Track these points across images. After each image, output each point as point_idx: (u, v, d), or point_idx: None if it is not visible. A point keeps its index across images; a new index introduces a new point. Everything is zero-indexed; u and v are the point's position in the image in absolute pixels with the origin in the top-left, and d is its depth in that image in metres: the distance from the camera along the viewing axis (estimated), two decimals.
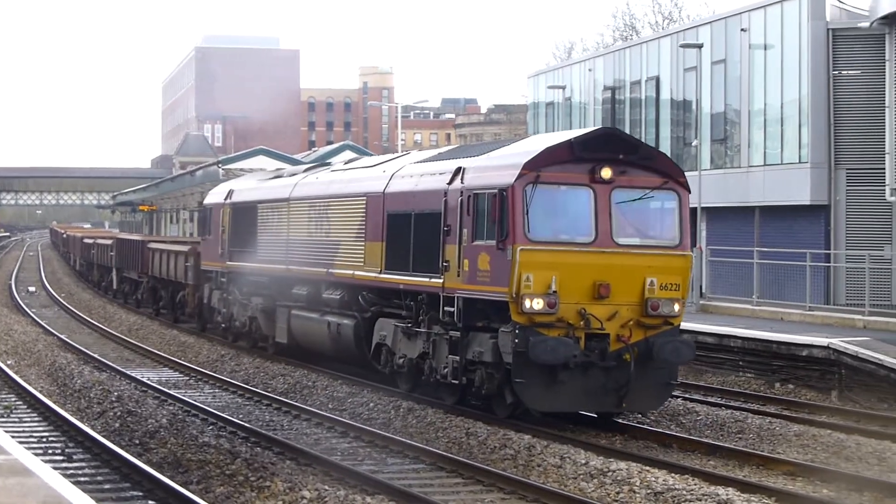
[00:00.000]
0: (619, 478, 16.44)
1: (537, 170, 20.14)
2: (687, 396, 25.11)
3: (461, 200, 21.29)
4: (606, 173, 20.36)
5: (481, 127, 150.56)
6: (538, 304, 19.84)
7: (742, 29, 42.71)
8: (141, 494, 15.67)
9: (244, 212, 33.11)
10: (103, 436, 19.26)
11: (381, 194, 24.68)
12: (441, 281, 21.73)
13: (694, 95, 44.78)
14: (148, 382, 26.69)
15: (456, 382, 21.59)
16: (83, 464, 17.71)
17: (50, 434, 20.27)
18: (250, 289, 32.43)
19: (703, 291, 39.65)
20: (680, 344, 20.68)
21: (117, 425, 20.95)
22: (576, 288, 20.06)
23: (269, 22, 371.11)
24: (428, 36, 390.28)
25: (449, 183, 21.91)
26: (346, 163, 31.83)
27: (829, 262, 38.03)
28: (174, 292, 42.57)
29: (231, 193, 34.79)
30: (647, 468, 16.97)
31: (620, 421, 21.55)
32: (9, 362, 29.83)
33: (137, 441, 19.35)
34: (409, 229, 23.18)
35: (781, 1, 40.68)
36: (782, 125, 41.22)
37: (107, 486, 16.12)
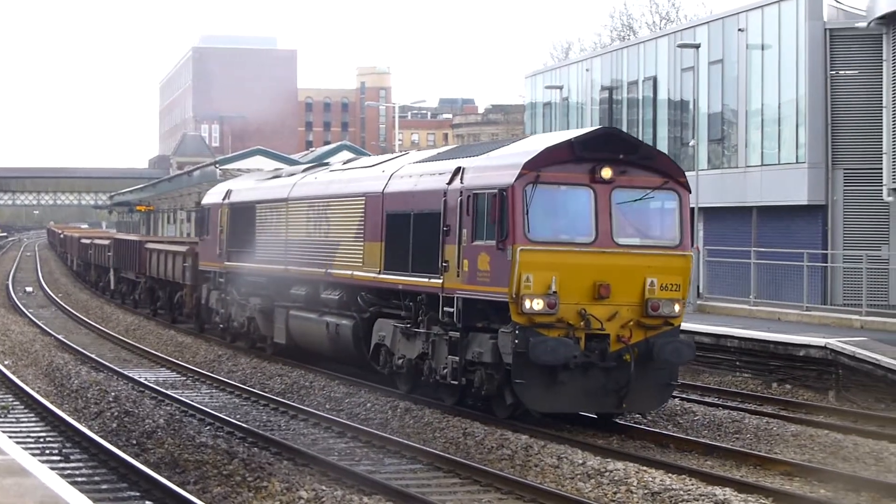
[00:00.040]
0: (617, 478, 16.44)
1: (537, 170, 20.09)
2: (684, 396, 25.10)
3: (461, 200, 21.23)
4: (607, 173, 20.31)
5: (478, 127, 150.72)
6: (538, 305, 19.79)
7: (739, 29, 42.72)
8: (138, 495, 15.66)
9: (242, 212, 33.03)
10: (100, 436, 19.25)
11: (380, 194, 24.63)
12: (440, 281, 21.68)
13: (691, 95, 44.78)
14: (145, 383, 26.68)
15: (455, 383, 21.53)
16: (80, 464, 17.71)
17: (47, 434, 20.26)
18: (248, 289, 32.36)
19: (701, 291, 39.64)
20: (680, 344, 20.64)
21: (114, 425, 20.94)
22: (576, 288, 20.02)
23: (267, 22, 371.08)
24: (425, 36, 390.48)
25: (448, 183, 21.85)
26: (345, 163, 31.72)
27: (827, 263, 38.04)
28: (172, 293, 42.53)
29: (229, 193, 34.72)
30: (645, 468, 16.97)
31: (619, 422, 21.54)
32: (6, 362, 29.81)
33: (135, 441, 19.34)
34: (409, 229, 23.12)
35: (779, 1, 40.69)
36: (779, 125, 41.23)
37: (104, 487, 16.12)
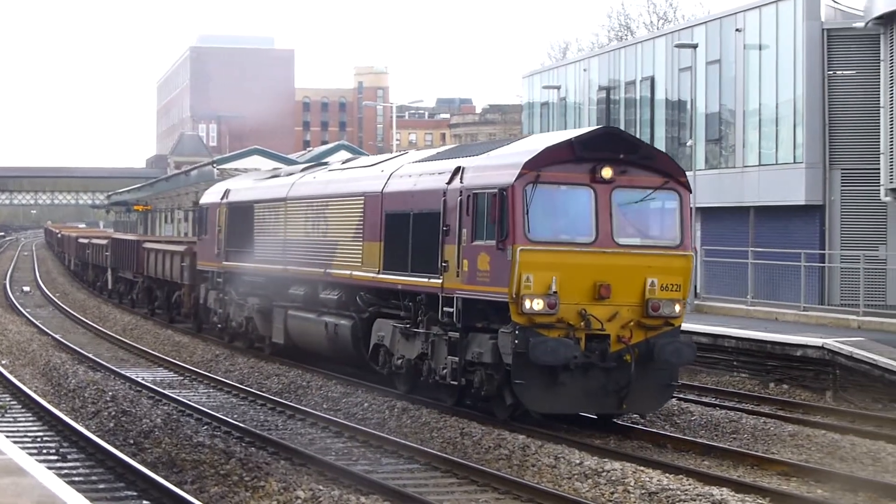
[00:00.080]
0: (614, 478, 16.44)
1: (538, 169, 20.01)
2: (681, 397, 25.09)
3: (460, 200, 21.16)
4: (607, 173, 20.23)
5: (476, 127, 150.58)
6: (538, 305, 19.71)
7: (737, 29, 42.72)
8: (135, 494, 15.66)
9: (241, 211, 32.98)
10: (98, 435, 19.25)
11: (380, 194, 24.56)
12: (440, 281, 21.61)
13: (689, 95, 44.79)
14: (142, 382, 26.67)
15: (455, 383, 21.46)
16: (78, 464, 17.70)
17: (44, 434, 20.26)
18: (247, 289, 32.31)
19: (698, 291, 39.63)
20: (681, 345, 20.58)
21: (112, 425, 20.93)
22: (576, 288, 19.95)
23: (265, 22, 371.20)
24: (423, 36, 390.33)
25: (448, 182, 21.79)
26: (344, 162, 31.65)
27: (824, 263, 38.05)
28: (170, 292, 42.50)
29: (227, 193, 34.67)
30: (642, 468, 16.97)
31: (617, 422, 21.51)
32: (3, 362, 29.80)
33: (132, 441, 19.33)
34: (408, 229, 23.06)
35: (776, 1, 40.71)
36: (777, 125, 41.24)
37: (101, 486, 16.11)
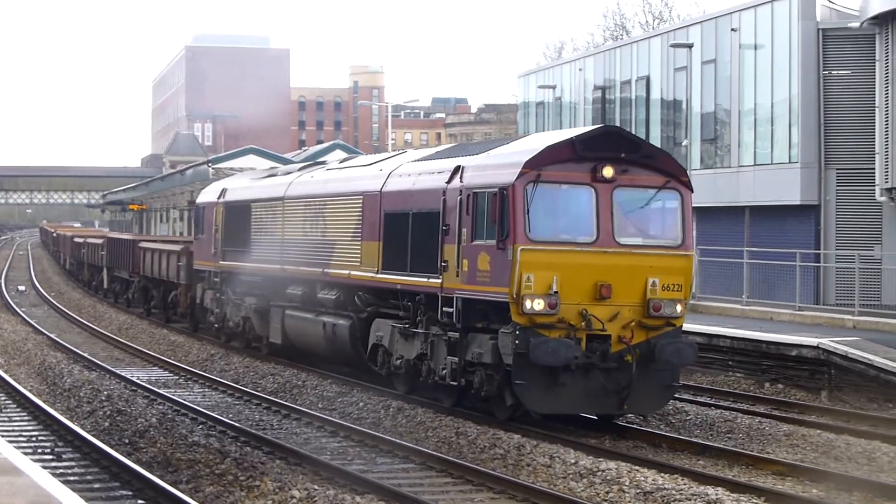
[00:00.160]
0: (609, 477, 16.44)
1: (538, 168, 19.92)
2: (676, 396, 25.02)
3: (460, 199, 21.07)
4: (608, 172, 20.14)
5: (471, 126, 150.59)
6: (539, 305, 19.62)
7: (732, 29, 42.73)
8: (130, 494, 15.65)
9: (238, 211, 32.90)
10: (93, 435, 19.24)
11: (378, 193, 24.45)
12: (439, 281, 21.51)
13: (684, 95, 44.80)
14: (138, 382, 26.65)
15: (455, 384, 21.38)
16: (73, 463, 17.70)
17: (39, 433, 20.25)
18: (244, 289, 32.24)
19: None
20: (682, 345, 20.48)
21: (107, 424, 20.92)
22: (577, 288, 19.87)
23: (260, 21, 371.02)
24: (418, 35, 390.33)
25: (448, 182, 21.69)
26: (342, 161, 31.55)
27: (819, 262, 38.06)
28: (166, 292, 42.45)
29: (224, 192, 34.60)
30: (637, 468, 16.97)
31: (614, 422, 21.49)
32: None
33: (127, 440, 19.32)
34: (407, 229, 22.97)
35: (772, 1, 40.73)
36: (772, 125, 41.26)
37: (96, 486, 16.11)
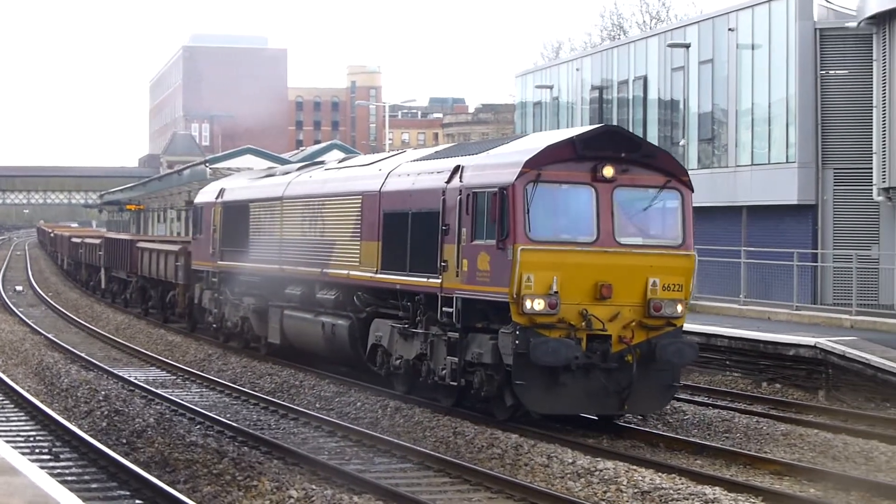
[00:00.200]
0: (606, 477, 16.44)
1: (538, 168, 19.87)
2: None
3: (460, 199, 21.02)
4: (608, 172, 20.09)
5: (469, 126, 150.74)
6: (539, 305, 19.57)
7: (730, 29, 42.74)
8: (128, 494, 15.64)
9: (236, 210, 32.86)
10: (90, 435, 19.23)
11: (377, 193, 24.39)
12: (439, 281, 21.46)
13: (681, 95, 44.81)
14: (135, 382, 26.63)
15: (454, 384, 21.33)
16: (70, 463, 17.69)
17: (37, 433, 20.23)
18: (242, 289, 32.19)
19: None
20: (683, 345, 20.45)
21: (104, 424, 20.91)
22: (577, 288, 19.82)
23: (257, 21, 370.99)
24: (416, 35, 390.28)
25: (447, 181, 21.65)
26: (340, 161, 31.49)
27: (817, 262, 38.07)
28: (164, 292, 42.41)
29: (222, 192, 34.56)
30: (634, 467, 16.97)
31: (613, 422, 21.46)
32: None
33: (124, 440, 19.32)
34: (406, 229, 22.92)
35: (769, 1, 40.73)
36: (770, 125, 41.27)
37: (94, 486, 16.10)
